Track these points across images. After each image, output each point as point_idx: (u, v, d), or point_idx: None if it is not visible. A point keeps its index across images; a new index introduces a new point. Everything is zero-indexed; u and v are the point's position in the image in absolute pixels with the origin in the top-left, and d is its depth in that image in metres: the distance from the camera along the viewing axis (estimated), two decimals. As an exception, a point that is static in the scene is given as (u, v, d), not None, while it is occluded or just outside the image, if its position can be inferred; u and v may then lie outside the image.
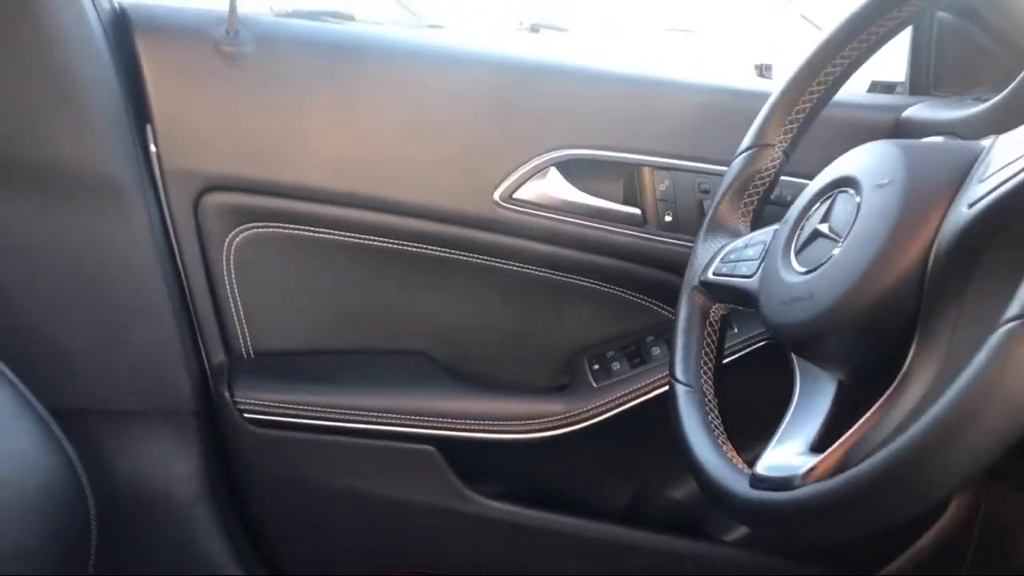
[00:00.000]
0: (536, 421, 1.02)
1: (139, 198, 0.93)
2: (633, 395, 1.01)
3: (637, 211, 1.00)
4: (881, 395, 0.55)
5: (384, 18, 2.39)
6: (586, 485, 1.12)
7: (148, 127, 0.94)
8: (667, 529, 1.11)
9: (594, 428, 1.03)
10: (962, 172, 0.56)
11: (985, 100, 0.86)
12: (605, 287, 1.04)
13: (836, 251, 0.60)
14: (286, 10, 2.24)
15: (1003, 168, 0.52)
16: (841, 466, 0.54)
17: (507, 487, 1.08)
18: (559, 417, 1.02)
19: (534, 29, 3.03)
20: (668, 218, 0.99)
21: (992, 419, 0.44)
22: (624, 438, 1.05)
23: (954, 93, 1.01)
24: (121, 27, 0.93)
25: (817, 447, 0.58)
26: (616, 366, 1.04)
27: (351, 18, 2.37)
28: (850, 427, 0.56)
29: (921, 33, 1.05)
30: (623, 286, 1.04)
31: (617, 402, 1.02)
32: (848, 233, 0.60)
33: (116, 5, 0.94)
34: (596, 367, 1.05)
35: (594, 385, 1.03)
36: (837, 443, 0.56)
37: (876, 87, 1.13)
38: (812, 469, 0.55)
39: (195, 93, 0.94)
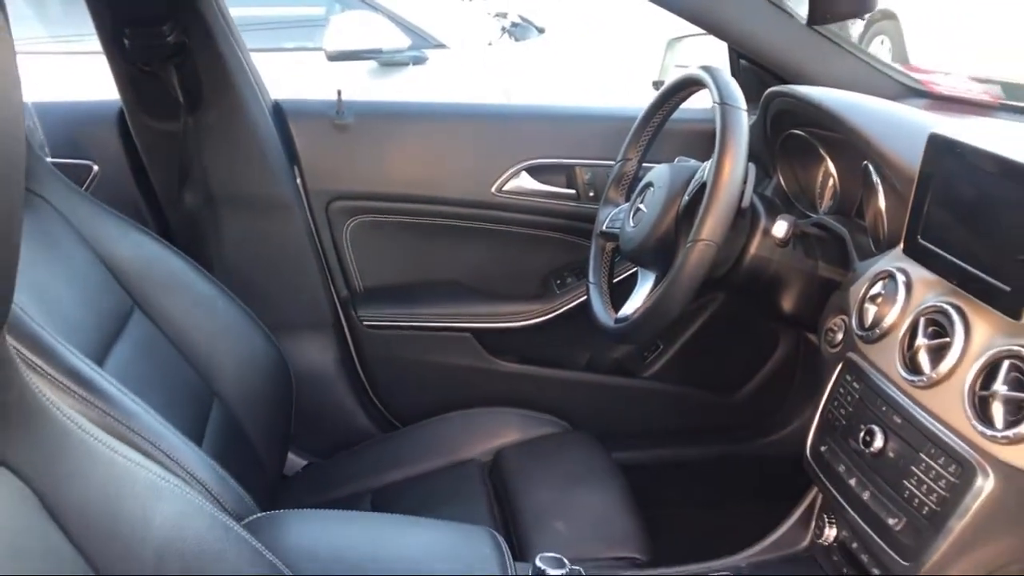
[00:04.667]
0: (525, 314, 1.78)
1: (296, 208, 1.68)
2: (580, 295, 1.76)
3: (573, 192, 1.73)
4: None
5: (404, 45, 3.10)
6: (560, 351, 1.85)
7: (296, 168, 1.68)
8: (610, 373, 1.85)
9: (560, 317, 1.78)
10: (690, 177, 1.29)
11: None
12: (559, 236, 1.77)
13: (643, 216, 1.34)
14: (336, 51, 2.98)
15: (697, 177, 1.25)
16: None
17: (513, 355, 1.83)
18: (538, 311, 1.78)
19: (514, 25, 3.72)
20: (591, 194, 1.72)
21: (682, 282, 1.18)
22: (579, 323, 1.75)
23: (752, 109, 1.72)
24: (279, 113, 1.66)
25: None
26: (569, 280, 1.78)
27: (380, 51, 3.13)
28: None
29: (734, 69, 1.76)
30: (569, 234, 1.76)
31: (571, 300, 1.76)
32: (648, 208, 1.33)
33: (274, 101, 1.68)
34: (558, 282, 1.79)
35: (557, 292, 1.78)
36: (646, 300, 1.30)
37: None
38: (634, 312, 1.30)
39: (322, 147, 1.68)
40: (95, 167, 1.61)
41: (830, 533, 1.22)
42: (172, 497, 0.77)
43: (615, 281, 1.51)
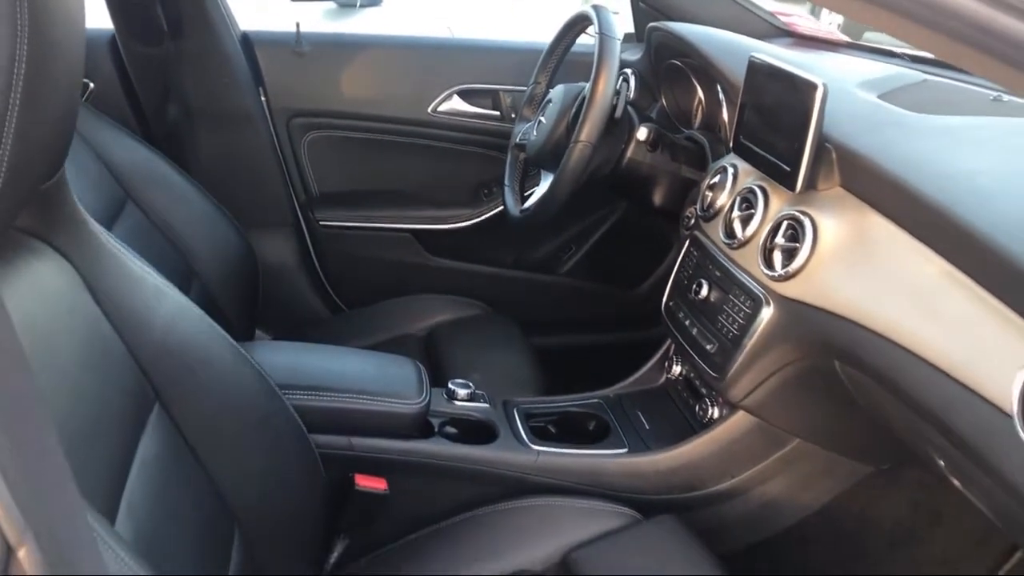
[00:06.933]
0: (458, 218, 2.11)
1: (262, 123, 1.98)
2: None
3: (497, 113, 2.05)
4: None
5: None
6: (487, 250, 2.18)
7: (261, 88, 1.98)
8: (533, 270, 2.19)
9: (487, 221, 2.10)
10: (578, 94, 1.62)
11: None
12: (484, 151, 2.09)
13: (543, 127, 1.66)
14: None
15: (584, 93, 1.58)
16: (539, 200, 1.63)
17: (447, 253, 2.15)
18: (468, 216, 2.11)
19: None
20: (512, 115, 2.04)
21: (566, 175, 1.52)
22: (504, 225, 2.05)
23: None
24: (248, 43, 1.96)
25: (541, 198, 1.66)
26: (495, 190, 2.10)
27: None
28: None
29: (634, 8, 2.07)
30: (494, 149, 2.08)
31: (496, 206, 2.09)
32: (546, 120, 1.66)
33: (243, 32, 1.97)
34: (485, 191, 2.12)
35: (484, 200, 2.11)
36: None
37: (627, 36, 2.15)
38: (534, 203, 1.63)
39: (283, 71, 1.98)
40: (91, 84, 1.89)
41: (676, 370, 1.57)
42: (171, 299, 1.09)
43: (530, 193, 1.83)
